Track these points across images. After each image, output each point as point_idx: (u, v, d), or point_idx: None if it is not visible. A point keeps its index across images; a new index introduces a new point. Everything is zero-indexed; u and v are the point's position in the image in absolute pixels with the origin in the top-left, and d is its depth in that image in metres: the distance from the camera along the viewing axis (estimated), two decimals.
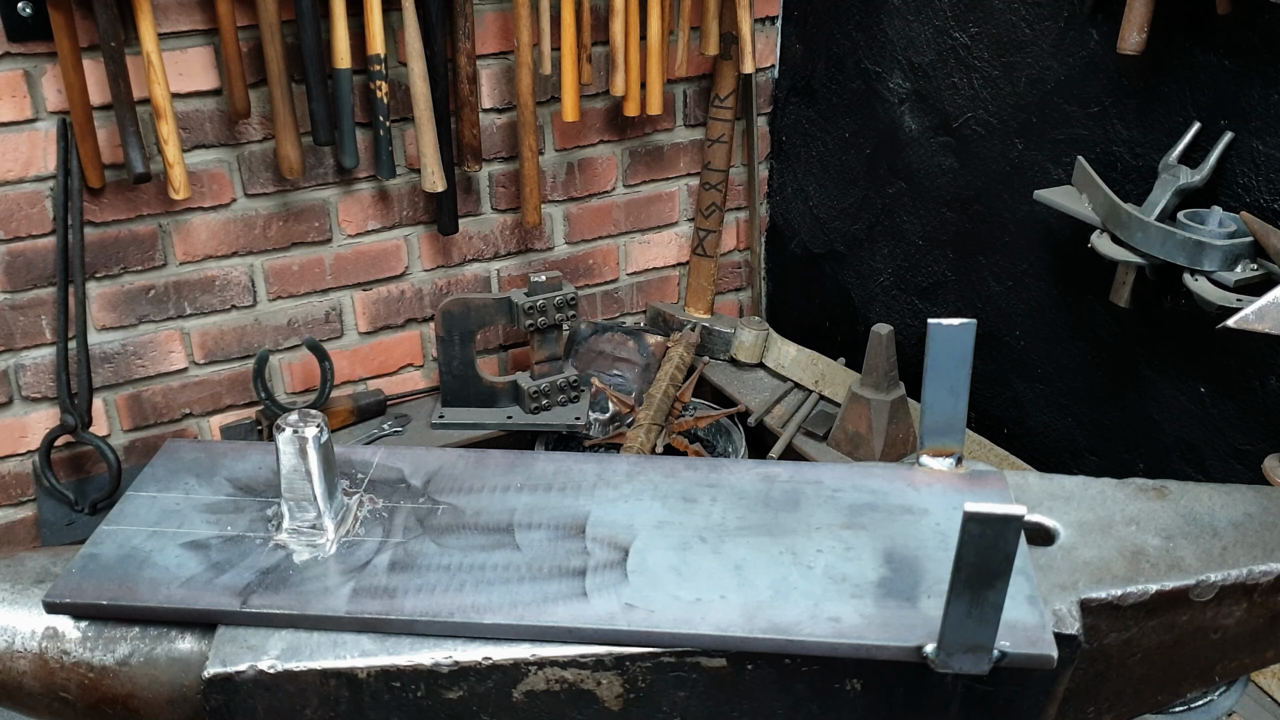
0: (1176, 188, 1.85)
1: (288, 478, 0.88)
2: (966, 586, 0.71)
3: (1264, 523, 0.98)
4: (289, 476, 0.88)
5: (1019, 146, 2.24)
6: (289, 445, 0.86)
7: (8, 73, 2.08)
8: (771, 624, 0.77)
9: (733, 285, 3.12)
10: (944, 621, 0.74)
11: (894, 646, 0.77)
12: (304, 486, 0.88)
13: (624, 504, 0.91)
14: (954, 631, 0.74)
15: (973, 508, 0.67)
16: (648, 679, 0.82)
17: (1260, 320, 1.30)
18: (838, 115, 2.72)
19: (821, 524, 0.88)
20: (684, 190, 2.92)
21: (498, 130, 2.58)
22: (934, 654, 0.76)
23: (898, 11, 2.45)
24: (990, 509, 0.67)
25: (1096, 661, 0.91)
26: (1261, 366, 1.87)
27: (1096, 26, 2.02)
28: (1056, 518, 0.97)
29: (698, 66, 2.75)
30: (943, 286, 2.53)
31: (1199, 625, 0.93)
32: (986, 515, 0.67)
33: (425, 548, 0.89)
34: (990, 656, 0.75)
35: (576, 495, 0.93)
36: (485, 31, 2.47)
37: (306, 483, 0.87)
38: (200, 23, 2.20)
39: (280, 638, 0.85)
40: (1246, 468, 1.92)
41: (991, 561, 0.69)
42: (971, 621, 0.73)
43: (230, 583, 0.85)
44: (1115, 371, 2.15)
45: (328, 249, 2.51)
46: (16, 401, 2.31)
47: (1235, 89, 1.81)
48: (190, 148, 2.28)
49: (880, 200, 2.64)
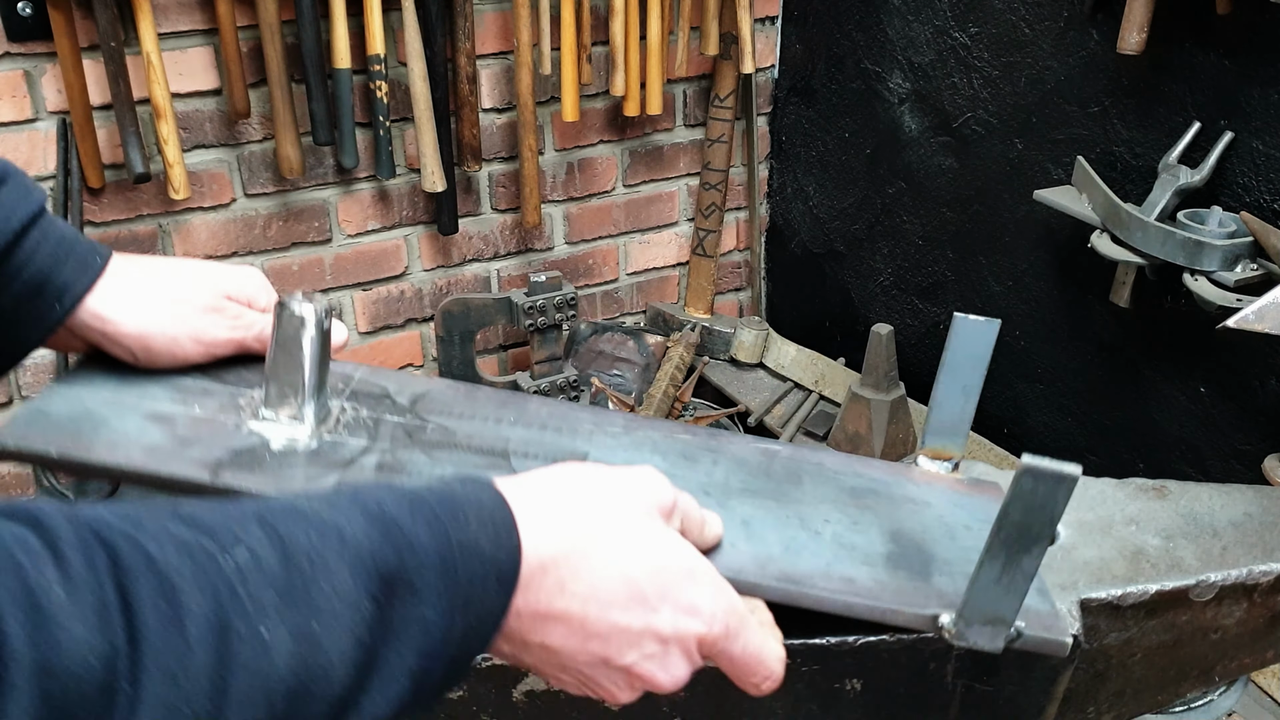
0: (1176, 188, 1.85)
1: (275, 356, 0.78)
2: (1004, 547, 0.69)
3: (1264, 523, 0.98)
4: (277, 355, 0.78)
5: (1019, 146, 2.24)
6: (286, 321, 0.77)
7: (7, 73, 2.08)
8: (784, 574, 0.74)
9: (733, 285, 3.12)
10: (970, 586, 0.71)
11: (910, 613, 0.74)
12: (292, 368, 0.78)
13: (623, 452, 0.86)
14: (979, 597, 0.71)
15: (1031, 460, 0.65)
16: None
17: (1260, 320, 1.30)
18: (838, 115, 2.72)
19: (825, 499, 0.85)
20: (684, 190, 2.92)
21: (497, 130, 2.58)
22: (952, 623, 0.73)
23: (898, 11, 2.45)
24: (1049, 464, 0.65)
25: (1096, 661, 0.91)
26: (1262, 367, 1.87)
27: (1096, 26, 2.01)
28: None
29: (698, 66, 2.75)
30: (943, 286, 2.53)
31: (1199, 625, 0.93)
32: (1043, 470, 0.65)
33: (416, 458, 0.80)
34: (1008, 633, 0.73)
35: (573, 438, 0.86)
36: (485, 31, 2.47)
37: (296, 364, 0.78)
38: (200, 23, 2.19)
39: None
40: (1246, 468, 1.92)
41: (1035, 523, 0.67)
42: (1000, 589, 0.70)
43: (200, 456, 0.76)
44: (1115, 371, 2.15)
45: (328, 249, 2.51)
46: (16, 402, 2.31)
47: (1235, 89, 1.81)
48: (190, 148, 2.28)
49: (880, 200, 2.64)
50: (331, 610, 0.48)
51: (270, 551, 0.48)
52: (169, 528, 0.46)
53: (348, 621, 0.49)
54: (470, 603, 0.53)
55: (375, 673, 0.50)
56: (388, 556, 0.51)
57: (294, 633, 0.47)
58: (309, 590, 0.48)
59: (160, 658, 0.42)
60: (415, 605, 0.51)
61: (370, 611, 0.50)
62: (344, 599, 0.49)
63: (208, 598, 0.44)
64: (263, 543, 0.48)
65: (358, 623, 0.49)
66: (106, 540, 0.44)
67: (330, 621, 0.48)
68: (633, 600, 0.58)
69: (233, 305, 0.83)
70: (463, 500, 0.55)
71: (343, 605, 0.49)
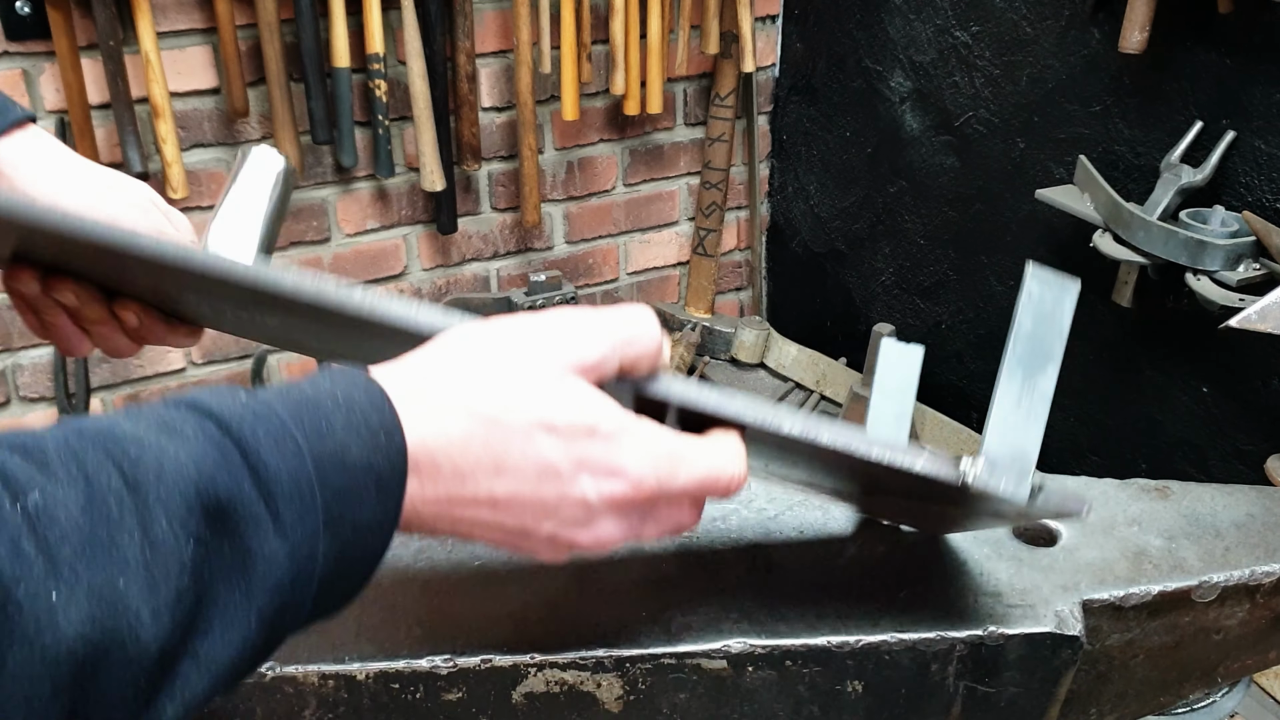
0: (1179, 187, 1.85)
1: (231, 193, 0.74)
2: (1019, 364, 0.70)
3: (1267, 523, 0.98)
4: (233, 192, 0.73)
5: (1021, 145, 2.23)
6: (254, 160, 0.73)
7: (6, 72, 2.07)
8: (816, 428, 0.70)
9: (733, 285, 3.12)
10: (991, 414, 0.71)
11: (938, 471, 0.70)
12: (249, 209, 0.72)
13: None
14: (1001, 424, 0.71)
15: (1035, 267, 0.68)
16: (648, 681, 0.82)
17: (1263, 320, 1.30)
18: (839, 114, 2.71)
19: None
20: (684, 189, 2.91)
21: (497, 129, 2.58)
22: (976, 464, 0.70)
23: (899, 10, 2.44)
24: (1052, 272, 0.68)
25: (1099, 663, 0.91)
26: (1264, 367, 1.86)
27: (1098, 25, 2.01)
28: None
29: (698, 65, 2.75)
30: (944, 286, 2.52)
31: (1201, 626, 0.93)
32: (1047, 276, 0.68)
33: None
34: (1030, 476, 0.71)
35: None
36: (485, 30, 2.47)
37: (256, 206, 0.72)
38: (199, 22, 2.19)
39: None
40: (1249, 468, 1.92)
41: (1046, 334, 0.69)
42: (1019, 415, 0.71)
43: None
44: (1118, 371, 2.15)
45: (326, 248, 2.51)
46: (14, 402, 2.31)
47: (1237, 88, 1.80)
48: (189, 147, 2.27)
49: (881, 199, 2.64)
50: (142, 561, 0.42)
51: (70, 495, 0.42)
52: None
53: (164, 570, 0.43)
54: (341, 519, 0.49)
55: (211, 619, 0.45)
56: (219, 486, 0.45)
57: (92, 593, 0.41)
58: (115, 540, 0.42)
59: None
60: (258, 538, 0.46)
61: (195, 553, 0.44)
62: (158, 546, 0.43)
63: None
64: (62, 484, 0.42)
65: (179, 570, 0.44)
66: None
67: (139, 574, 0.42)
68: (543, 475, 0.55)
69: (158, 212, 0.82)
70: (327, 405, 0.50)
71: (157, 554, 0.43)
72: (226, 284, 0.62)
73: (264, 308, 0.68)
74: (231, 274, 0.61)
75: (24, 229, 0.64)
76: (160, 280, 0.69)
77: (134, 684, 0.43)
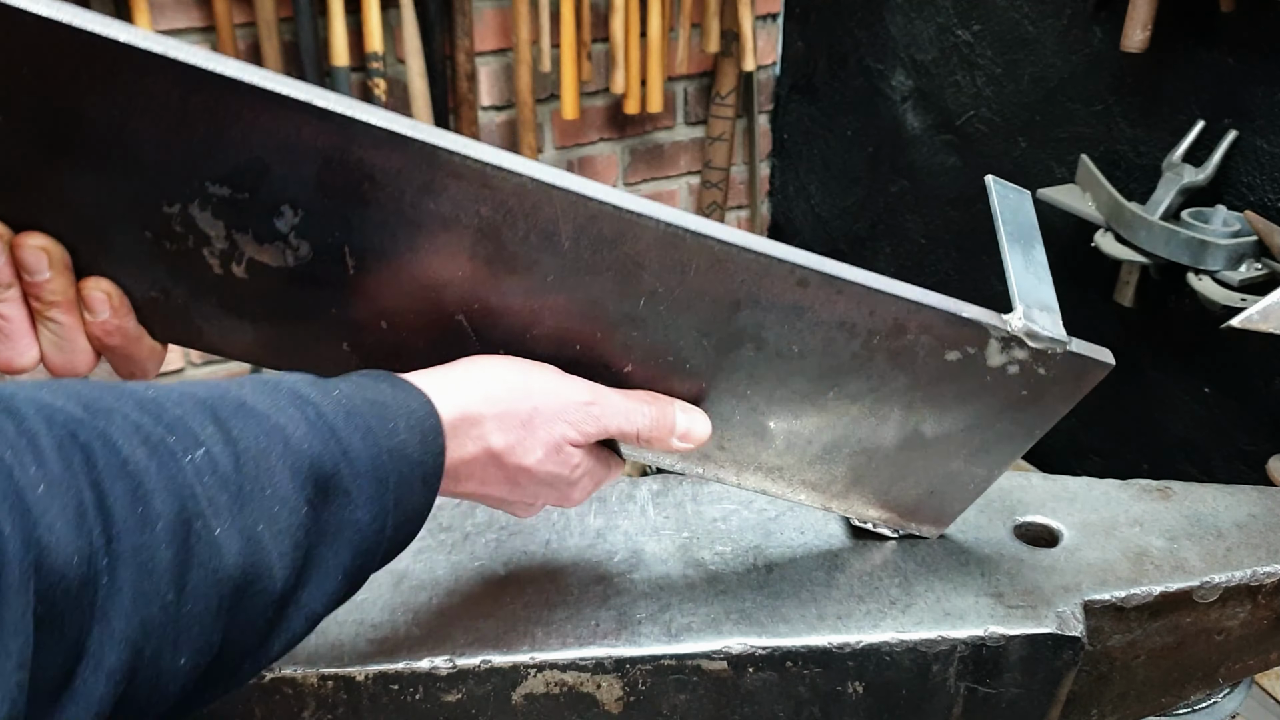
0: (1180, 186, 1.84)
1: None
2: (1014, 240, 0.82)
3: (1268, 524, 0.98)
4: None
5: (1022, 145, 2.23)
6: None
7: None
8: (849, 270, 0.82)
9: None
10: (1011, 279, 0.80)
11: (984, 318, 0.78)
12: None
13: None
14: (1022, 284, 0.80)
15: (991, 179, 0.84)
16: (648, 682, 0.82)
17: (1265, 320, 1.29)
18: (840, 113, 2.71)
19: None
20: (685, 189, 2.91)
21: (497, 128, 2.58)
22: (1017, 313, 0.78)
23: (900, 9, 2.44)
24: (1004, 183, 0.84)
25: (1100, 664, 0.91)
26: (1266, 367, 1.86)
27: (1100, 24, 2.01)
28: (1060, 519, 0.97)
29: (698, 64, 2.75)
30: (946, 286, 2.52)
31: (1203, 627, 0.93)
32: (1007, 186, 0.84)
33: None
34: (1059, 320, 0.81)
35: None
36: (484, 28, 2.47)
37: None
38: (197, 20, 2.19)
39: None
40: (1251, 468, 1.91)
41: (1023, 223, 0.83)
42: (1031, 276, 0.81)
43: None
44: (1119, 371, 2.13)
45: None
46: None
47: (1239, 87, 1.80)
48: None
49: (883, 199, 2.64)
50: (273, 514, 0.53)
51: (224, 453, 0.52)
52: (135, 420, 0.50)
53: (286, 524, 0.53)
54: (400, 503, 0.60)
55: (313, 572, 0.55)
56: (324, 463, 0.55)
57: (242, 533, 0.51)
58: (256, 494, 0.52)
59: (133, 554, 0.46)
60: (349, 509, 0.57)
61: (307, 515, 0.54)
62: (284, 503, 0.53)
63: (173, 498, 0.48)
64: (218, 443, 0.52)
65: (295, 526, 0.54)
66: (82, 441, 0.47)
67: (272, 524, 0.52)
68: (544, 485, 0.71)
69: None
70: (393, 408, 0.61)
71: (283, 509, 0.53)
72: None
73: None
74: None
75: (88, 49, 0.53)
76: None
77: (264, 616, 0.53)
